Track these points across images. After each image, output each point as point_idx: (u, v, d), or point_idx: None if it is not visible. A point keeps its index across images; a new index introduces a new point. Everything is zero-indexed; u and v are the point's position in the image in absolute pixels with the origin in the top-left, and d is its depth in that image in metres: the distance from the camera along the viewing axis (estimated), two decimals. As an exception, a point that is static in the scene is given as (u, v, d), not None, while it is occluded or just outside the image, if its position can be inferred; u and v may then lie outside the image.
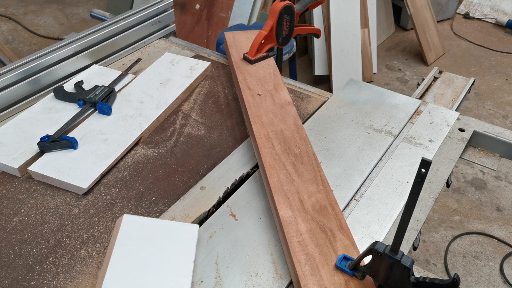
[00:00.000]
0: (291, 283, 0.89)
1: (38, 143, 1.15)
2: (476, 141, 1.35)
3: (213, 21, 3.44)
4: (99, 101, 1.29)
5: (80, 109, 1.30)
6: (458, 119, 1.36)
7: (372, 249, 0.78)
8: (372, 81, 3.78)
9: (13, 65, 1.35)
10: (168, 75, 1.47)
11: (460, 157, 1.26)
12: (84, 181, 1.08)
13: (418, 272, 0.92)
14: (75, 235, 0.98)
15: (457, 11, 4.91)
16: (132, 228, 0.93)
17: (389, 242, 0.77)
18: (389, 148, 1.24)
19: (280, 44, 1.47)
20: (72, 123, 1.25)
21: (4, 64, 3.07)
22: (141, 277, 0.85)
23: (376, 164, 1.18)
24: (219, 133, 1.30)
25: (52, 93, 1.35)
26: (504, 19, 4.64)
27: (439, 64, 4.08)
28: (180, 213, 1.02)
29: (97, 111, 1.30)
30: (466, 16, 4.86)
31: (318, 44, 3.57)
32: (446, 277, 2.24)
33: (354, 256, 0.86)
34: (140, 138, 1.25)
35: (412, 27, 4.04)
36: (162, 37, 1.78)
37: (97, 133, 1.22)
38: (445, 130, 1.30)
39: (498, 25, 4.70)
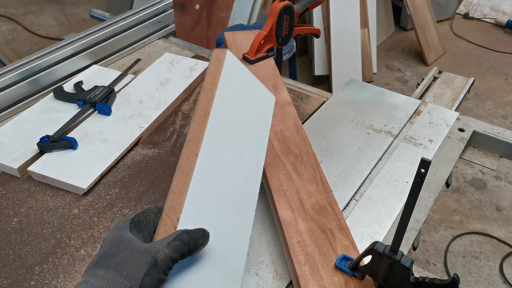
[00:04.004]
0: (290, 283, 0.89)
1: (37, 144, 1.15)
2: (476, 141, 1.35)
3: (213, 21, 3.44)
4: (99, 101, 1.29)
5: (79, 109, 1.30)
6: (457, 119, 1.36)
7: (371, 249, 0.78)
8: (372, 81, 3.78)
9: (13, 65, 1.35)
10: (168, 75, 1.47)
11: (459, 157, 1.26)
12: (83, 182, 1.08)
13: (418, 272, 0.93)
14: (74, 235, 0.98)
15: (456, 11, 4.91)
16: (231, 70, 0.80)
17: (389, 242, 0.77)
18: (388, 148, 1.24)
19: (280, 44, 1.47)
20: (72, 123, 1.25)
21: (4, 64, 3.07)
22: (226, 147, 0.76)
23: (376, 164, 1.18)
24: (218, 133, 1.30)
25: (52, 93, 1.35)
26: (504, 19, 4.64)
27: (439, 64, 4.08)
28: (179, 213, 1.02)
29: (96, 111, 1.30)
30: (466, 16, 4.86)
31: (318, 44, 3.58)
32: (446, 277, 2.24)
33: (354, 256, 0.86)
34: (140, 138, 1.25)
35: (412, 27, 4.05)
36: (162, 37, 1.78)
37: (97, 133, 1.23)
38: (444, 130, 1.30)
39: (497, 25, 4.70)
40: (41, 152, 1.16)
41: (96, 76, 1.46)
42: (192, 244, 0.64)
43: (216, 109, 0.77)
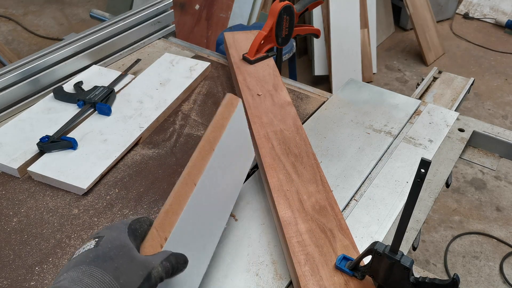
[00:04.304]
0: (290, 283, 0.89)
1: (37, 144, 1.15)
2: (476, 141, 1.35)
3: (213, 22, 3.44)
4: (99, 101, 1.29)
5: (79, 109, 1.30)
6: (457, 119, 1.36)
7: (371, 249, 0.78)
8: (371, 81, 3.78)
9: (13, 66, 1.35)
10: (168, 76, 1.47)
11: (459, 157, 1.26)
12: (83, 182, 1.08)
13: (418, 272, 0.93)
14: (74, 235, 0.98)
15: (456, 11, 4.91)
16: (237, 118, 0.86)
17: (389, 242, 0.77)
18: (388, 148, 1.24)
19: (280, 44, 1.47)
20: (72, 123, 1.25)
21: (4, 65, 3.07)
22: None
23: (376, 164, 1.18)
24: (218, 133, 1.30)
25: (52, 93, 1.35)
26: (504, 19, 4.64)
27: (439, 64, 4.08)
28: (179, 214, 1.02)
29: (96, 111, 1.30)
30: (466, 16, 4.86)
31: (317, 44, 3.58)
32: (446, 277, 2.24)
33: (354, 256, 0.86)
34: (140, 138, 1.25)
35: (412, 27, 4.05)
36: (162, 37, 1.78)
37: (97, 134, 1.23)
38: (444, 130, 1.31)
39: (497, 25, 4.70)
40: (41, 152, 1.16)
41: (96, 76, 1.46)
42: (175, 268, 0.65)
43: (218, 148, 0.81)
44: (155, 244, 0.66)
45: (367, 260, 0.82)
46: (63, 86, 1.39)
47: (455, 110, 1.41)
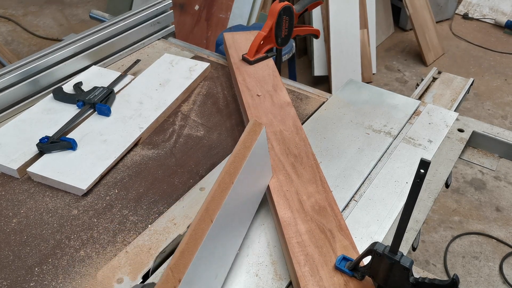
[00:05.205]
0: (290, 283, 0.89)
1: (37, 144, 1.15)
2: (475, 141, 1.35)
3: (213, 22, 3.44)
4: (98, 102, 1.29)
5: (79, 110, 1.30)
6: (457, 119, 1.37)
7: (371, 250, 0.78)
8: (371, 82, 3.78)
9: (13, 66, 1.35)
10: (167, 76, 1.47)
11: (459, 157, 1.26)
12: (83, 182, 1.08)
13: (418, 272, 0.93)
14: (74, 236, 0.98)
15: (456, 12, 4.91)
16: (259, 145, 0.85)
17: (389, 242, 0.77)
18: (388, 148, 1.24)
19: (279, 44, 1.47)
20: (71, 124, 1.25)
21: (4, 65, 3.07)
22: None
23: (375, 165, 1.18)
24: (218, 134, 1.30)
25: (52, 94, 1.35)
26: (503, 20, 4.64)
27: (438, 64, 4.08)
28: (179, 214, 1.02)
29: (96, 112, 1.30)
30: (465, 16, 4.87)
31: (317, 44, 3.58)
32: (445, 278, 2.24)
33: (354, 257, 0.86)
34: (139, 139, 1.25)
35: (411, 28, 4.05)
36: (162, 38, 1.78)
37: (96, 134, 1.22)
38: (444, 131, 1.31)
39: (497, 25, 4.70)
40: (40, 153, 1.16)
41: (95, 77, 1.46)
42: None
43: (238, 180, 0.79)
44: (169, 286, 0.66)
45: (366, 260, 0.82)
46: (62, 86, 1.39)
47: (454, 111, 1.41)
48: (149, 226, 1.01)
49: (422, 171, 0.64)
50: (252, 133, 0.86)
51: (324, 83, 3.71)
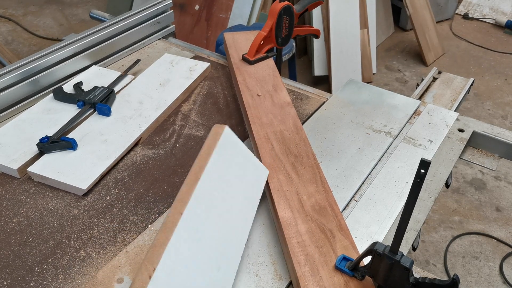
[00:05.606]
0: (290, 283, 0.89)
1: (37, 144, 1.15)
2: (476, 141, 1.35)
3: (213, 22, 3.44)
4: (99, 102, 1.29)
5: (79, 110, 1.30)
6: (457, 119, 1.37)
7: (371, 250, 0.78)
8: (371, 82, 3.78)
9: (13, 66, 1.35)
10: (168, 76, 1.47)
11: (459, 157, 1.26)
12: (83, 182, 1.08)
13: (418, 272, 0.93)
14: (74, 236, 0.98)
15: (456, 12, 4.91)
16: (226, 144, 0.93)
17: (389, 242, 0.77)
18: (388, 148, 1.24)
19: (280, 44, 1.47)
20: (72, 124, 1.25)
21: (4, 65, 3.07)
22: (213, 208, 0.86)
23: (376, 165, 1.18)
24: (218, 133, 1.30)
25: (52, 94, 1.35)
26: (503, 20, 4.64)
27: (439, 64, 4.08)
28: (179, 214, 1.02)
29: (96, 112, 1.30)
30: (465, 16, 4.87)
31: (317, 44, 3.58)
32: (445, 278, 2.24)
33: (354, 257, 0.86)
34: (140, 139, 1.25)
35: (412, 28, 4.05)
36: (162, 38, 1.78)
37: (97, 134, 1.22)
38: (444, 131, 1.31)
39: (497, 25, 4.70)
40: (40, 153, 1.16)
41: (95, 77, 1.46)
42: None
43: (206, 176, 0.86)
44: (144, 277, 0.70)
45: (367, 260, 0.82)
46: (63, 86, 1.39)
47: (454, 111, 1.41)
48: (149, 226, 1.01)
49: (422, 171, 0.64)
50: (214, 134, 0.93)
51: (324, 83, 3.71)
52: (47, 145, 1.15)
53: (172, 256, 0.74)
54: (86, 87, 1.39)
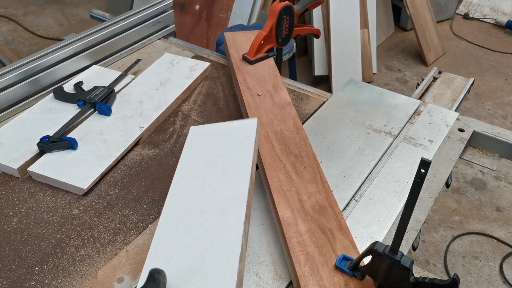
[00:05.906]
0: (290, 283, 0.89)
1: (37, 144, 1.15)
2: (476, 141, 1.35)
3: (213, 22, 3.44)
4: (99, 101, 1.29)
5: (79, 109, 1.30)
6: (457, 119, 1.36)
7: (371, 249, 0.78)
8: (371, 82, 3.78)
9: (13, 66, 1.35)
10: (168, 76, 1.47)
11: (459, 157, 1.26)
12: (83, 182, 1.08)
13: (418, 272, 0.93)
14: (74, 235, 0.98)
15: (456, 12, 4.91)
16: (197, 136, 1.03)
17: (389, 242, 0.77)
18: (388, 148, 1.24)
19: (280, 44, 1.47)
20: (72, 123, 1.25)
21: (4, 65, 3.07)
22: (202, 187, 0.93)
23: (376, 164, 1.18)
24: (218, 133, 1.30)
25: (52, 93, 1.35)
26: (504, 20, 4.64)
27: (439, 64, 4.08)
28: (179, 214, 1.02)
29: (96, 111, 1.30)
30: (466, 16, 4.86)
31: (317, 44, 3.57)
32: (446, 277, 2.24)
33: (354, 257, 0.86)
34: (140, 138, 1.25)
35: (412, 28, 4.04)
36: (162, 37, 1.78)
37: (97, 134, 1.23)
38: (444, 130, 1.31)
39: (497, 25, 4.70)
40: (41, 153, 1.16)
41: (96, 77, 1.46)
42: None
43: (180, 172, 0.98)
44: None
45: (367, 260, 0.82)
46: (63, 86, 1.39)
47: (455, 110, 1.41)
48: (150, 225, 1.01)
49: (422, 170, 0.64)
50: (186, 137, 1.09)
51: (324, 82, 3.71)
52: (47, 144, 1.15)
53: (159, 243, 0.84)
54: (86, 87, 1.39)
